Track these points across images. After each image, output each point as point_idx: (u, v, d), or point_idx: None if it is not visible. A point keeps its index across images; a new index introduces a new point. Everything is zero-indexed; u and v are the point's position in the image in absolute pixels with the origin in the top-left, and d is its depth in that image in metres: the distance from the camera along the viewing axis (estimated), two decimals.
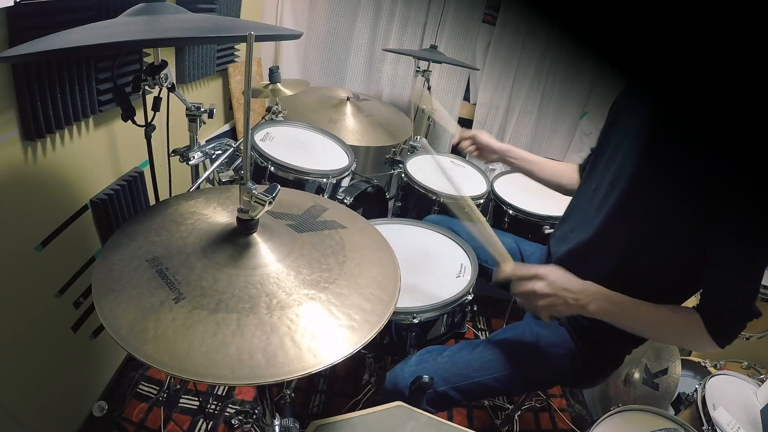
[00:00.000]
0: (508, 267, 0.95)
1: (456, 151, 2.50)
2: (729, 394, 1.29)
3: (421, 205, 1.70)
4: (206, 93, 1.86)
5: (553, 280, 0.90)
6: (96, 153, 1.22)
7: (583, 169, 1.26)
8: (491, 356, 1.05)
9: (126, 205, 1.33)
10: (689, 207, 0.83)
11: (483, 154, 1.32)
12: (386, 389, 1.04)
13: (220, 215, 0.80)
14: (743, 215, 0.77)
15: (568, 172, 1.29)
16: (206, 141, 1.38)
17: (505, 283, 0.95)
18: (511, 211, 1.66)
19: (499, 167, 2.36)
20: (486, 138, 1.30)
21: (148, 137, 1.12)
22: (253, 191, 0.66)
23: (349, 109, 1.95)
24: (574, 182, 1.27)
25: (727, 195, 0.78)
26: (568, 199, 1.20)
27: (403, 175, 1.77)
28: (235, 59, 1.96)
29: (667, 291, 0.92)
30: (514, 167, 1.33)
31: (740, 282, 0.82)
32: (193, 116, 1.10)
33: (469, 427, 1.12)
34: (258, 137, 1.53)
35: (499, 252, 0.98)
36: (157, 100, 1.08)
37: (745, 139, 0.75)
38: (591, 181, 1.07)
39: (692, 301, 0.93)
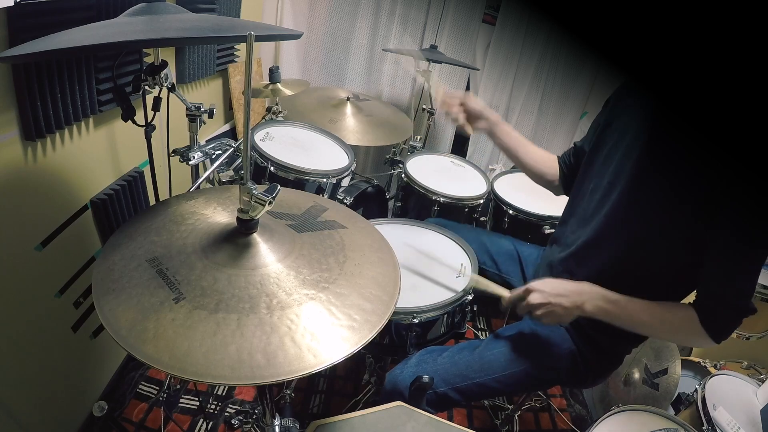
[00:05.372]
0: (506, 294, 1.02)
1: (455, 150, 2.51)
2: (729, 394, 1.29)
3: (421, 205, 1.70)
4: (206, 93, 1.86)
5: (544, 289, 0.94)
6: (96, 153, 1.22)
7: (564, 162, 1.24)
8: (491, 357, 1.05)
9: (126, 205, 1.33)
10: (688, 206, 0.84)
11: (470, 122, 1.20)
12: (386, 390, 1.04)
13: (220, 215, 0.80)
14: (742, 214, 0.78)
15: (550, 162, 1.26)
16: (206, 141, 1.38)
17: (513, 309, 1.02)
18: (511, 211, 1.66)
19: (499, 168, 2.36)
20: (476, 104, 1.18)
21: (148, 137, 1.12)
22: (253, 191, 0.66)
23: (349, 109, 1.95)
24: (555, 174, 1.25)
25: (725, 194, 0.79)
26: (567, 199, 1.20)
27: (403, 175, 1.77)
28: (235, 59, 1.96)
29: (667, 288, 0.93)
30: (499, 143, 1.23)
31: (737, 280, 0.83)
32: (193, 116, 1.10)
33: (469, 427, 1.12)
34: (258, 137, 1.53)
35: (496, 291, 1.05)
36: (157, 100, 1.08)
37: (743, 138, 0.75)
38: (588, 181, 1.07)
39: (690, 297, 0.94)
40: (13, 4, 0.84)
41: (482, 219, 1.82)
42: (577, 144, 1.21)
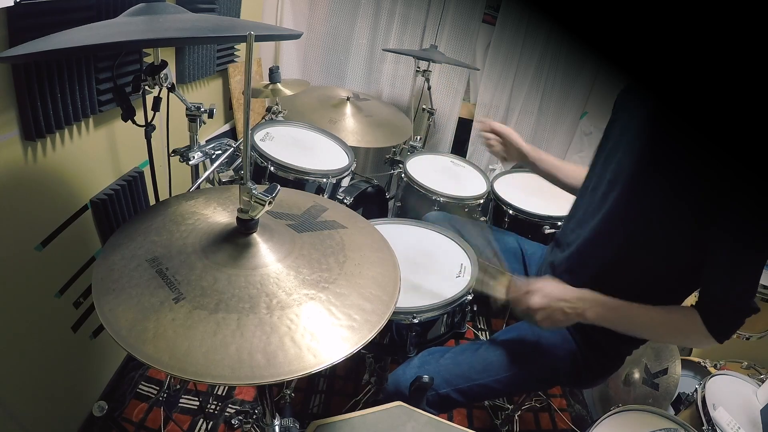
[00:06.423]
0: (502, 292, 0.99)
1: (455, 150, 2.51)
2: (729, 394, 1.29)
3: (421, 205, 1.70)
4: (206, 93, 1.86)
5: (546, 292, 0.93)
6: (96, 153, 1.22)
7: None
8: (493, 358, 1.05)
9: (126, 205, 1.33)
10: (688, 205, 0.83)
11: (505, 153, 1.27)
12: (388, 391, 1.04)
13: (220, 215, 0.80)
14: (742, 214, 0.78)
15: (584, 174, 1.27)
16: (206, 141, 1.38)
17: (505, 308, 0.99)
18: (511, 211, 1.66)
19: (499, 167, 2.36)
20: (516, 138, 1.25)
21: (148, 137, 1.12)
22: (253, 191, 0.66)
23: (349, 109, 1.95)
24: None
25: (725, 194, 0.78)
26: (568, 198, 1.20)
27: (403, 175, 1.77)
28: (235, 59, 1.96)
29: (668, 289, 0.93)
30: (537, 170, 1.28)
31: (739, 279, 0.83)
32: (193, 116, 1.10)
33: (469, 427, 1.12)
34: (258, 137, 1.53)
35: (494, 291, 1.01)
36: (157, 100, 1.08)
37: (743, 138, 0.75)
38: (590, 179, 1.07)
39: (691, 299, 0.93)
40: (13, 4, 0.84)
41: (482, 219, 1.82)
42: None
